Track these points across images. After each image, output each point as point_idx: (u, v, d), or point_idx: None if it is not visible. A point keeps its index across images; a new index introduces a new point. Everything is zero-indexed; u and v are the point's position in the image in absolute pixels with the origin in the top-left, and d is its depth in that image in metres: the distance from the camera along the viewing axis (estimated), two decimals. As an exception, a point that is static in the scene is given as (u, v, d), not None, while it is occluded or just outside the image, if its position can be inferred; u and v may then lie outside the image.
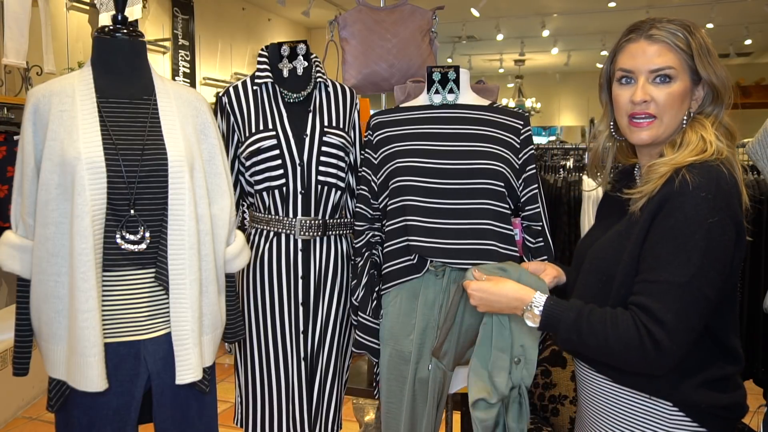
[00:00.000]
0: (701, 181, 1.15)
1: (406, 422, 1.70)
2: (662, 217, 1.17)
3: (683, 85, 1.25)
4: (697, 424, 1.20)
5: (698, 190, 1.14)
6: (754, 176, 2.54)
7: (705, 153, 1.19)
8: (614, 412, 1.27)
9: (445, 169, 1.67)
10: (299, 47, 1.90)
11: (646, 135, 1.27)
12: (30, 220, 1.41)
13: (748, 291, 2.55)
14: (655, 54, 1.25)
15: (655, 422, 1.21)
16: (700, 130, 1.24)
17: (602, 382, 1.29)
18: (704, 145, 1.21)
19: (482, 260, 1.64)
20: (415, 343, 1.68)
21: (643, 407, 1.23)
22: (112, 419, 1.43)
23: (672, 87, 1.25)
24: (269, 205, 1.84)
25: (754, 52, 9.90)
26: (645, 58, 1.26)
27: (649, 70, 1.26)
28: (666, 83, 1.25)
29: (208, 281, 1.50)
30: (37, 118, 1.41)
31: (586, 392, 1.34)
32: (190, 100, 1.56)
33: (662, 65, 1.25)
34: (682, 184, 1.16)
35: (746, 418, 2.12)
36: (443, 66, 1.79)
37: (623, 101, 1.29)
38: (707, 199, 1.14)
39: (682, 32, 1.25)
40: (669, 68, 1.25)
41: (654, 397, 1.21)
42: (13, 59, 3.51)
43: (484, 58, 10.78)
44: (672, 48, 1.25)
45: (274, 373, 1.85)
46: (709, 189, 1.15)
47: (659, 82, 1.25)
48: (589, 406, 1.34)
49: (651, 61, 1.25)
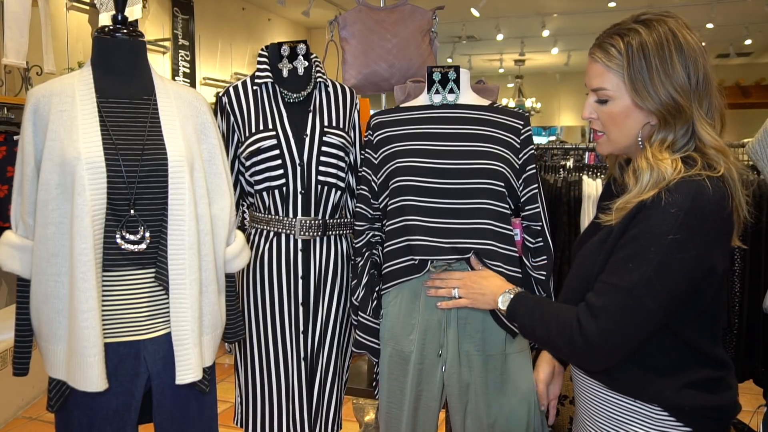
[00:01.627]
0: (676, 198, 1.13)
1: (407, 422, 1.69)
2: (631, 227, 1.18)
3: (622, 103, 1.23)
4: (681, 424, 1.20)
5: (669, 206, 1.13)
6: (754, 176, 2.54)
7: (663, 182, 1.15)
8: (606, 415, 1.28)
9: (445, 169, 1.67)
10: (299, 47, 1.90)
11: (602, 149, 1.31)
12: (30, 220, 1.41)
13: (748, 291, 2.55)
14: (593, 74, 1.26)
15: (645, 425, 1.22)
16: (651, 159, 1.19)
17: (594, 387, 1.30)
18: (658, 176, 1.16)
19: (483, 260, 1.65)
20: (417, 343, 1.68)
21: (632, 410, 1.24)
22: (112, 419, 1.43)
23: (609, 107, 1.25)
24: (269, 205, 1.84)
25: (754, 52, 9.90)
26: (588, 78, 1.28)
27: (591, 88, 1.28)
28: (603, 103, 1.26)
29: (208, 281, 1.50)
30: (37, 118, 1.41)
31: (581, 396, 1.35)
32: (190, 100, 1.56)
33: (597, 86, 1.25)
34: (655, 199, 1.15)
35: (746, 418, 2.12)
36: (443, 66, 1.79)
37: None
38: (675, 215, 1.12)
39: (617, 46, 1.21)
40: (602, 89, 1.25)
41: (639, 400, 1.22)
42: (13, 59, 3.51)
43: (484, 58, 10.78)
44: (605, 69, 1.23)
45: (274, 373, 1.85)
46: (682, 206, 1.12)
47: (599, 102, 1.27)
48: (584, 409, 1.35)
49: (590, 81, 1.27)
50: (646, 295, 1.14)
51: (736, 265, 2.52)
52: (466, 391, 1.66)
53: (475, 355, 1.65)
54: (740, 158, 2.61)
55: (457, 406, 1.67)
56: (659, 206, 1.14)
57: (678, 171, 1.15)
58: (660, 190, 1.15)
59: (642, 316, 1.15)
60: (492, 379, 1.66)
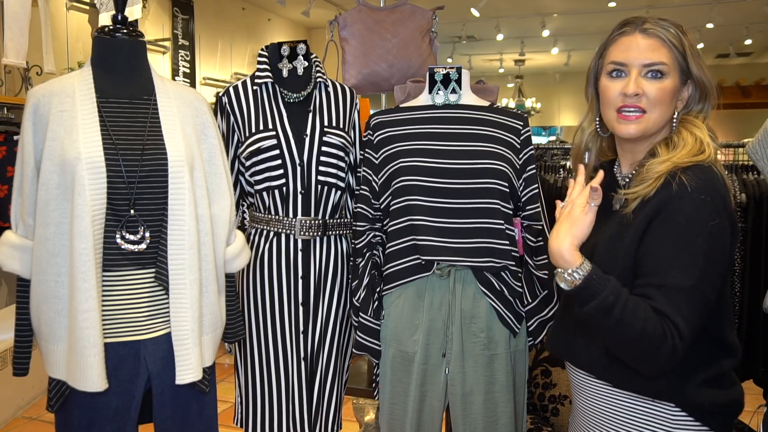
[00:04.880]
0: (698, 183, 1.15)
1: (411, 423, 1.69)
2: (661, 220, 1.16)
3: (674, 82, 1.25)
4: (699, 423, 1.20)
5: (697, 193, 1.14)
6: (754, 176, 2.54)
7: (703, 154, 1.19)
8: (614, 417, 1.26)
9: (449, 169, 1.67)
10: (299, 47, 1.90)
11: (633, 128, 1.25)
12: (30, 220, 1.41)
13: (748, 291, 2.54)
14: (648, 48, 1.24)
15: (659, 425, 1.21)
16: (695, 130, 1.23)
17: (602, 388, 1.27)
18: (701, 146, 1.20)
19: (488, 259, 1.65)
20: (421, 344, 1.68)
21: (645, 411, 1.22)
22: (112, 419, 1.43)
23: (664, 83, 1.24)
24: (269, 205, 1.84)
25: (754, 52, 9.89)
26: (638, 51, 1.24)
27: (643, 64, 1.24)
28: (658, 78, 1.24)
29: (208, 281, 1.50)
30: (37, 118, 1.41)
31: (583, 398, 1.33)
32: (190, 100, 1.56)
33: (656, 60, 1.23)
34: (680, 186, 1.15)
35: (746, 418, 2.12)
36: (445, 66, 1.79)
37: (613, 94, 1.27)
38: (706, 201, 1.13)
39: (675, 30, 1.24)
40: (662, 64, 1.23)
41: (657, 400, 1.21)
42: (13, 59, 3.51)
43: (484, 58, 10.77)
44: (666, 44, 1.24)
45: (274, 373, 1.85)
46: (708, 191, 1.14)
47: (651, 77, 1.24)
48: (586, 412, 1.32)
49: (644, 54, 1.24)
50: (707, 288, 1.13)
51: (736, 265, 2.52)
52: (470, 391, 1.66)
53: (480, 354, 1.66)
54: (740, 158, 2.62)
55: (460, 405, 1.67)
56: (687, 194, 1.14)
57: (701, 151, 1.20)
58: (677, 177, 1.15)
59: (706, 309, 1.15)
60: (498, 378, 1.66)
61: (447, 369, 1.67)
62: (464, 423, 1.67)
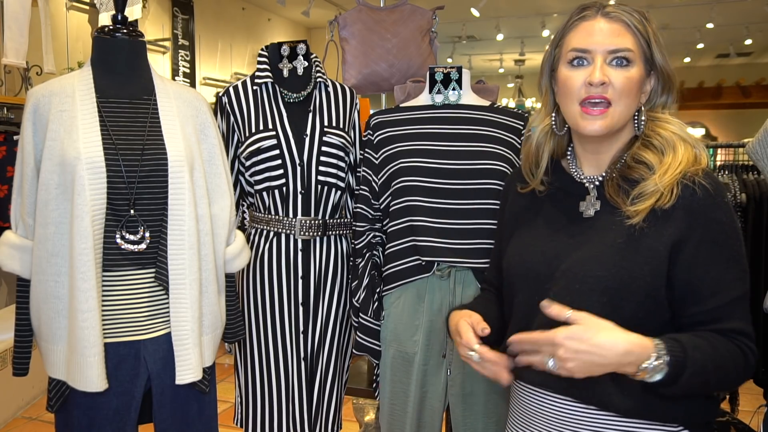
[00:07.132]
0: (714, 185, 1.10)
1: (411, 424, 1.69)
2: (700, 236, 1.08)
3: (639, 72, 1.14)
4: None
5: (720, 197, 1.10)
6: (754, 176, 2.54)
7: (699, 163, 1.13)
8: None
9: (449, 170, 1.67)
10: (299, 47, 1.90)
11: (599, 125, 1.13)
12: (30, 220, 1.41)
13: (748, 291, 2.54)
14: (613, 33, 1.13)
15: None
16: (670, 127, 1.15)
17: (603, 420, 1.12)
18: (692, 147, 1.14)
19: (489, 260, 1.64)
20: (421, 344, 1.68)
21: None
22: (112, 419, 1.43)
23: (630, 71, 1.13)
24: (269, 205, 1.84)
25: (754, 52, 9.89)
26: (602, 36, 1.13)
27: (608, 50, 1.13)
28: (624, 67, 1.13)
29: (208, 281, 1.50)
30: (36, 118, 1.41)
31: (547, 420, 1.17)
32: (190, 100, 1.56)
33: (621, 46, 1.13)
34: (704, 192, 1.09)
35: (746, 418, 2.12)
36: (445, 66, 1.79)
37: (576, 84, 1.14)
38: (728, 202, 1.11)
39: (638, 15, 1.15)
40: (628, 50, 1.13)
41: (667, 424, 1.11)
42: (13, 59, 3.51)
43: (484, 58, 10.77)
44: (630, 29, 1.14)
45: (274, 373, 1.85)
46: (722, 192, 1.11)
47: (616, 65, 1.13)
48: None
49: (609, 39, 1.13)
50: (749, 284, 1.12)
51: (736, 265, 2.52)
52: (470, 392, 1.66)
53: None
54: (740, 158, 2.62)
55: (460, 406, 1.67)
56: (713, 200, 1.10)
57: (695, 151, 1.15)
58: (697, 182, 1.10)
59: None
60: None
61: (448, 370, 1.67)
62: (464, 424, 1.67)
